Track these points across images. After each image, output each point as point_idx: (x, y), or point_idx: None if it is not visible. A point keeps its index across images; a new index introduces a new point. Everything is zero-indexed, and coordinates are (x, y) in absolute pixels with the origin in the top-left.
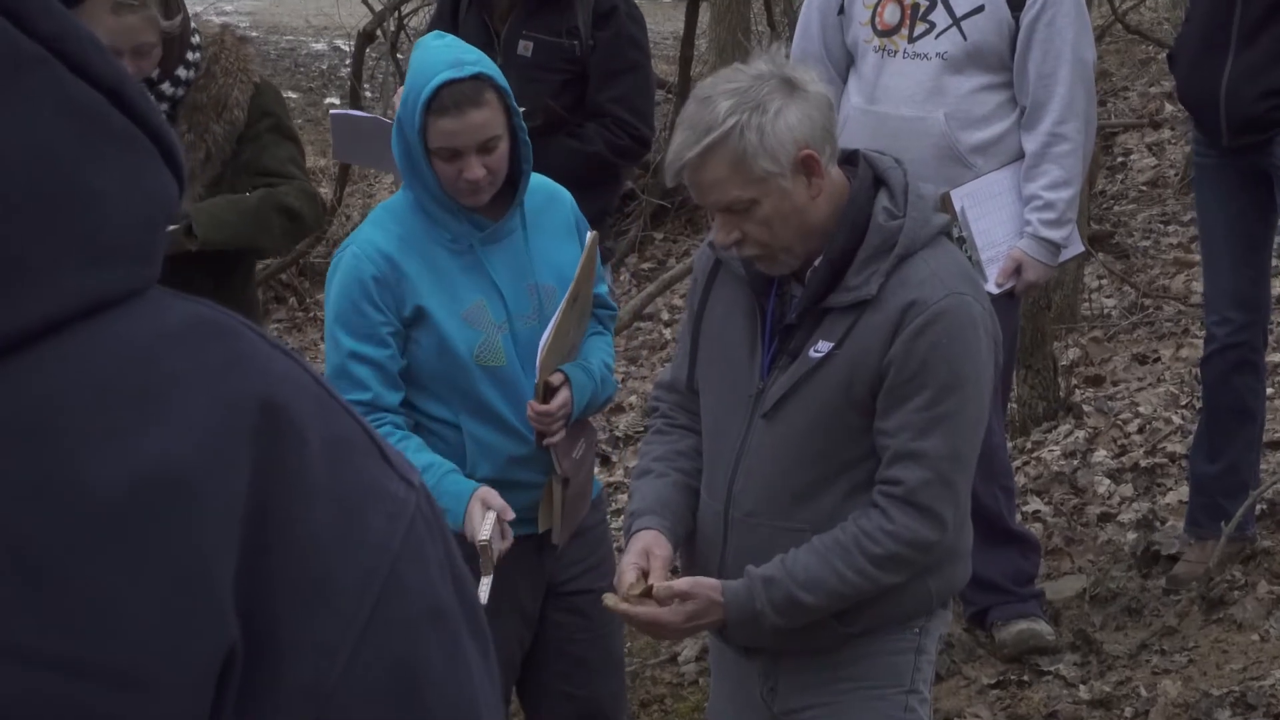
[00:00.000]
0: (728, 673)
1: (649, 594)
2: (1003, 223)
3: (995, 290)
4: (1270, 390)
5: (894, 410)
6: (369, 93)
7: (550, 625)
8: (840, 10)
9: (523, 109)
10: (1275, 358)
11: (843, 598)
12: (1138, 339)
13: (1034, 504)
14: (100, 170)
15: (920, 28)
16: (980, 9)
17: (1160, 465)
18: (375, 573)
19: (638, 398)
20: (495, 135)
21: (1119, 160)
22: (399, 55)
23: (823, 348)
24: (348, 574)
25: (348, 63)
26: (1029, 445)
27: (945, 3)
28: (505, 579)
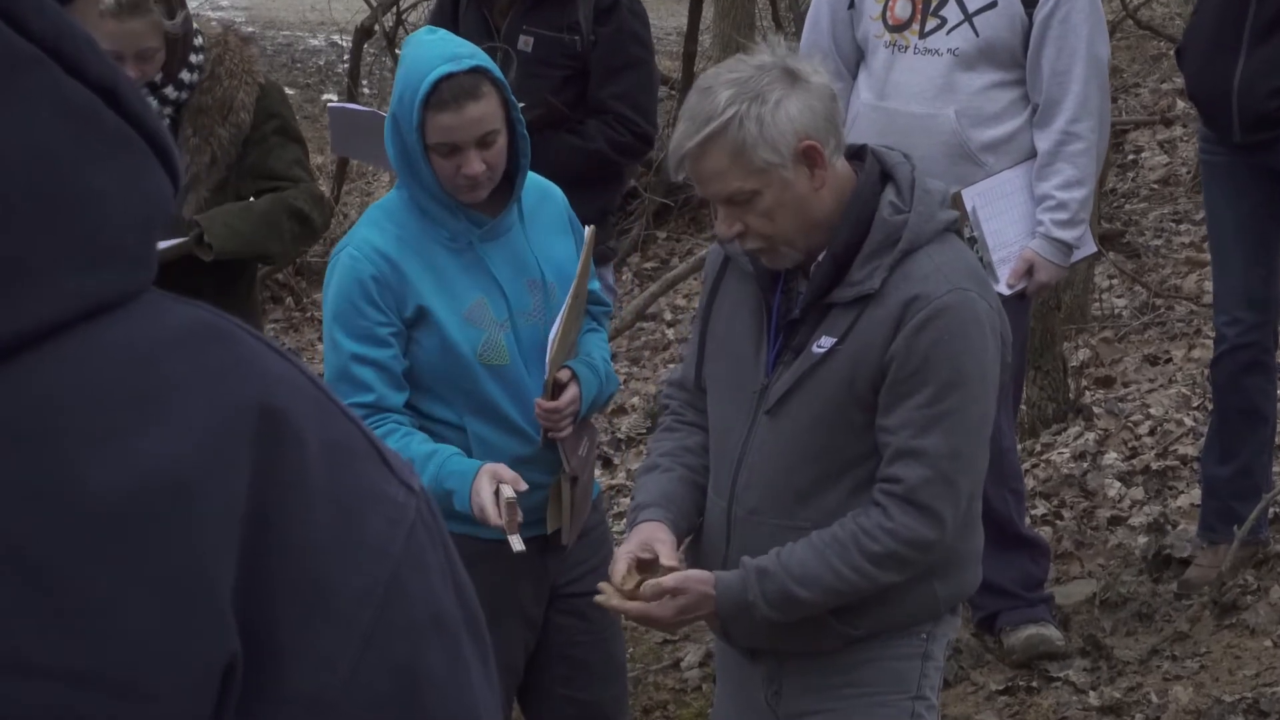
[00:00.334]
0: (732, 675)
1: (640, 588)
2: (1014, 223)
3: (1007, 291)
4: None
5: (895, 407)
6: (367, 89)
7: (552, 628)
8: (850, 5)
9: (522, 105)
10: None
11: (839, 594)
12: (1149, 339)
13: (1043, 507)
14: (97, 171)
15: (932, 23)
16: (993, 4)
17: (1172, 468)
18: (376, 579)
19: (640, 399)
20: (494, 129)
21: (1130, 158)
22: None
23: (826, 343)
24: (348, 580)
25: (345, 59)
26: (1038, 447)
27: None
28: (508, 582)
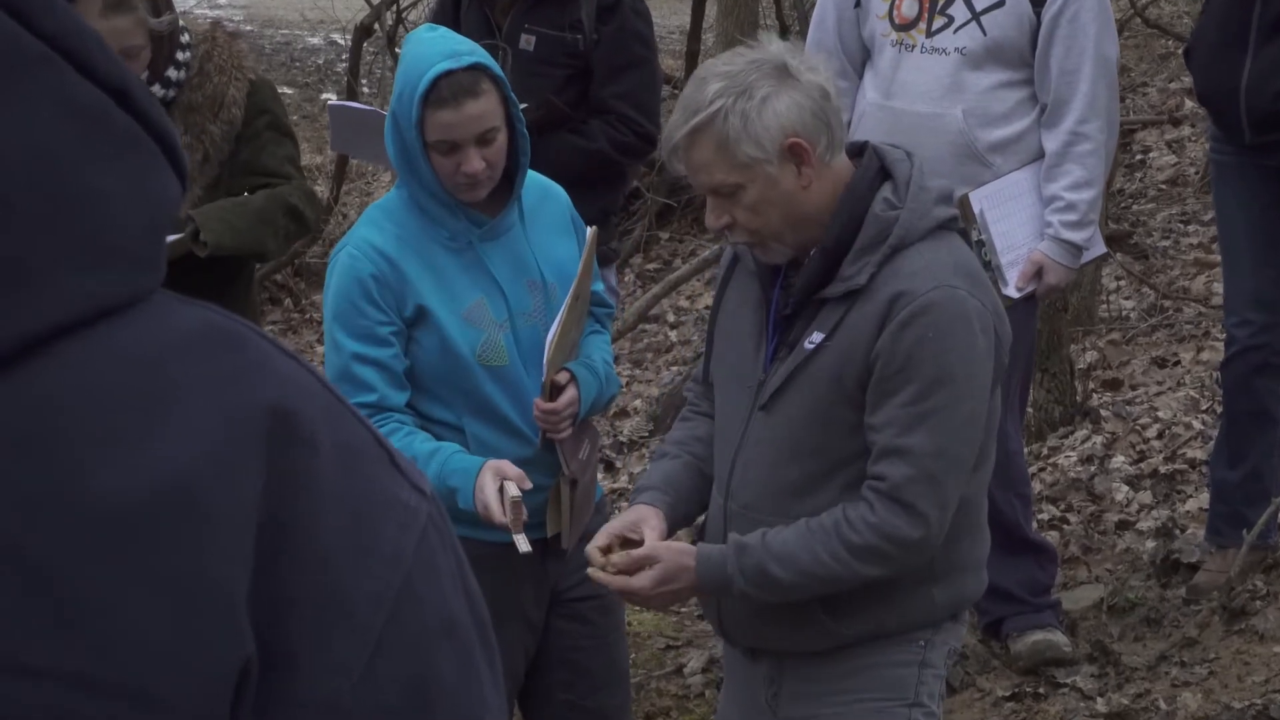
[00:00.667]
0: (736, 677)
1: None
2: (1022, 225)
3: (1016, 294)
4: None
5: (881, 405)
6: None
7: (553, 633)
8: (857, 3)
9: (524, 105)
10: None
11: (817, 580)
12: (1157, 342)
13: (1050, 511)
14: (103, 171)
15: (939, 22)
16: (1001, 3)
17: (1180, 471)
18: (389, 584)
19: (642, 402)
20: (494, 127)
21: (1138, 158)
22: (397, 49)
23: (816, 339)
24: (361, 585)
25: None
26: (1045, 451)
27: None
28: (509, 585)
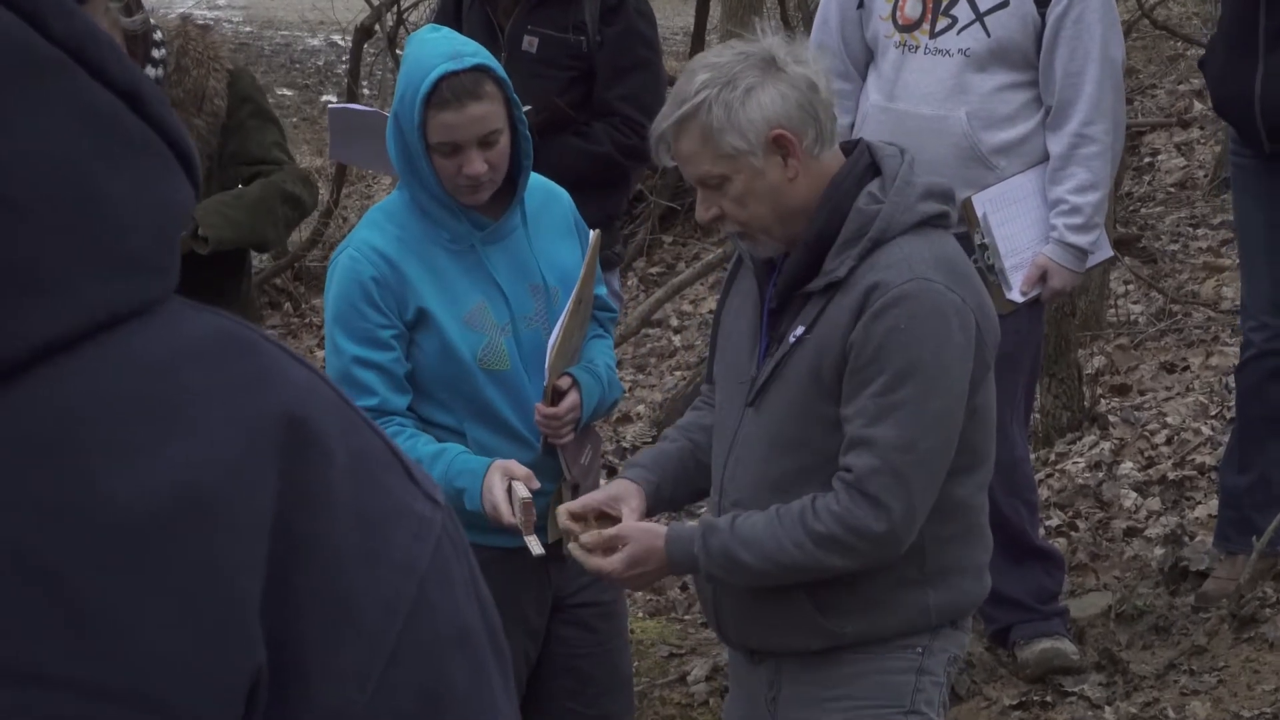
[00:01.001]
0: (738, 679)
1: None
2: (1026, 228)
3: (1020, 299)
4: None
5: (854, 396)
6: (367, 90)
7: (556, 640)
8: (860, 4)
9: (527, 107)
10: None
11: (781, 567)
12: (1166, 346)
13: (1058, 518)
14: (116, 177)
15: (942, 22)
16: (1004, 4)
17: (1189, 478)
18: (403, 594)
19: (645, 407)
20: (496, 129)
21: (1146, 161)
22: (398, 51)
23: (798, 332)
24: (375, 595)
25: (345, 59)
26: (1052, 457)
27: None
28: (511, 592)
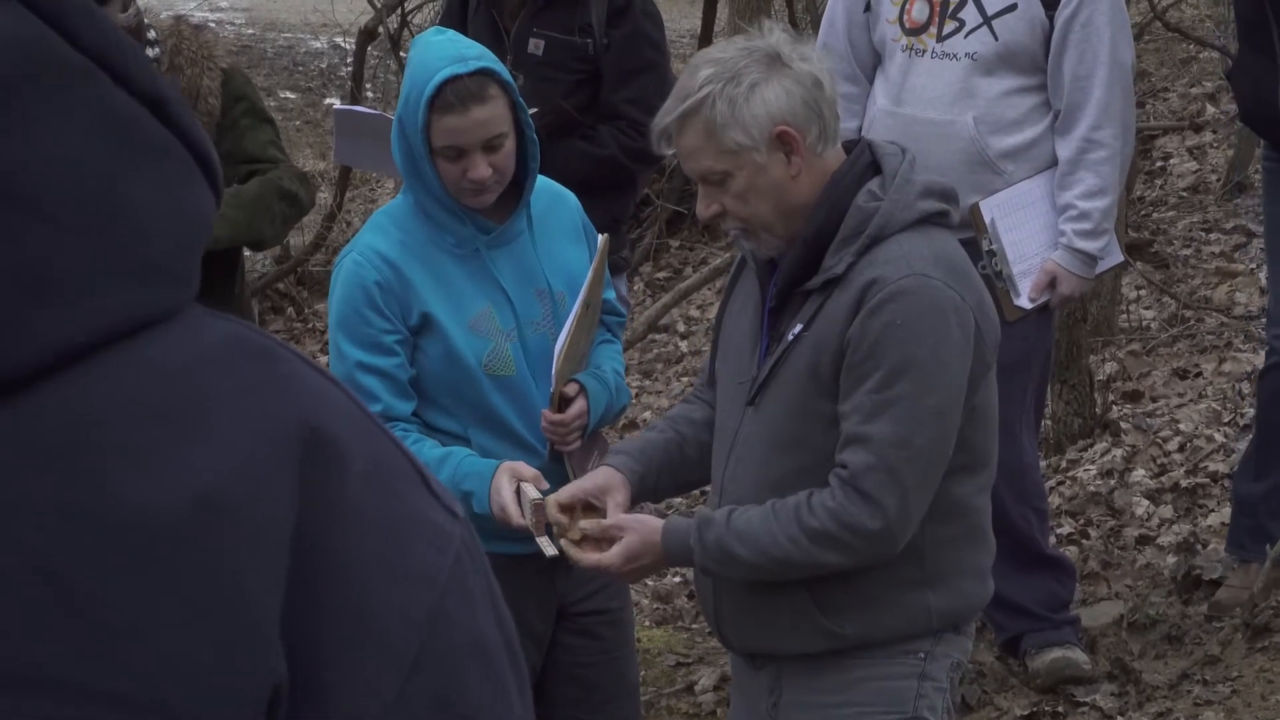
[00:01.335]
0: (741, 686)
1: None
2: (1035, 234)
3: (1028, 305)
4: None
5: (851, 392)
6: (370, 93)
7: (561, 648)
8: (867, 7)
9: (533, 110)
10: None
11: (775, 561)
12: (1178, 352)
13: (1069, 526)
14: (139, 184)
15: (950, 26)
16: (1013, 7)
17: (1202, 485)
18: (422, 606)
19: (652, 413)
20: (501, 132)
21: (1158, 165)
22: (402, 53)
23: (796, 330)
24: (394, 608)
25: (348, 61)
26: (1064, 464)
27: (976, 0)
28: (513, 599)
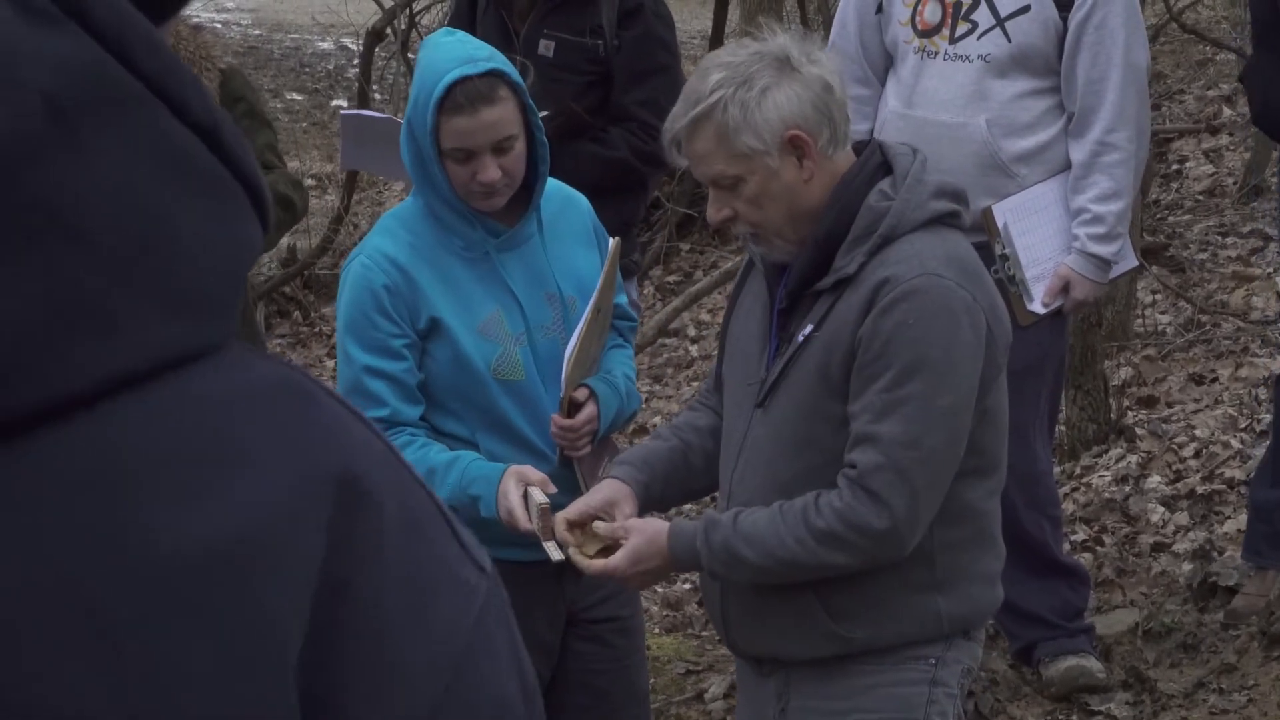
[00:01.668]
0: (747, 693)
1: (604, 550)
2: (1048, 238)
3: (1042, 310)
4: None
5: (862, 392)
6: (378, 94)
7: (570, 656)
8: (879, 9)
9: (544, 112)
10: None
11: (782, 563)
12: (1194, 358)
13: (1083, 533)
14: (189, 214)
15: (962, 28)
16: (1026, 9)
17: (1218, 492)
18: (445, 660)
19: (662, 419)
20: (511, 134)
21: (1174, 168)
22: (410, 55)
23: (807, 330)
24: (418, 659)
25: (356, 63)
26: (1078, 470)
27: (989, 1)
28: (520, 608)
